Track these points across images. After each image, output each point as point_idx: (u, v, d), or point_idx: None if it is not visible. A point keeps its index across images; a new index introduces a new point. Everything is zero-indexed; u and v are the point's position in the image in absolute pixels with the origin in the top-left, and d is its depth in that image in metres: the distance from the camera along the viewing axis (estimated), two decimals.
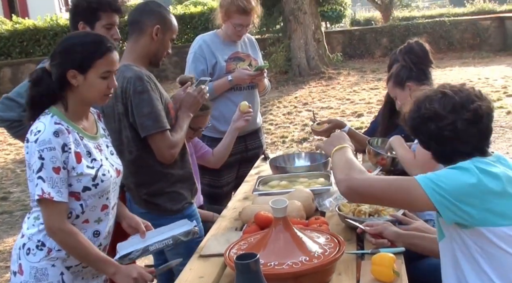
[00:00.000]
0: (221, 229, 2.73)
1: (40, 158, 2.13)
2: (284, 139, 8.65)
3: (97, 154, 2.31)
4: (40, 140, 2.14)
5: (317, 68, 14.41)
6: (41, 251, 2.22)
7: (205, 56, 3.88)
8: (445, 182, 1.86)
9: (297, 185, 3.08)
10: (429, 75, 3.10)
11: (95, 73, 2.22)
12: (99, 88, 2.25)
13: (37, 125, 2.20)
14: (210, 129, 3.90)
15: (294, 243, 2.08)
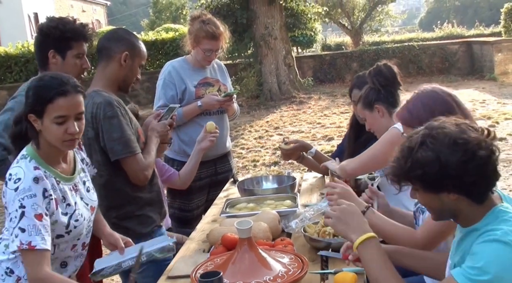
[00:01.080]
0: (189, 251, 2.77)
1: (20, 207, 2.11)
2: (255, 163, 8.72)
3: (71, 198, 2.33)
4: (20, 189, 2.13)
5: (288, 93, 14.60)
6: (10, 277, 2.24)
7: (174, 82, 3.93)
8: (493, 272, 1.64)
9: (264, 207, 3.13)
10: (397, 97, 3.14)
11: (48, 118, 2.19)
12: (56, 134, 2.20)
13: (16, 171, 2.18)
14: (179, 153, 3.96)
15: (259, 262, 2.13)
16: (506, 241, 1.64)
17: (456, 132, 1.71)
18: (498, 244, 1.64)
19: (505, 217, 1.72)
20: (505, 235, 1.65)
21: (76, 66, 3.04)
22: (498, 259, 1.63)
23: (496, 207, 1.76)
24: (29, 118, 2.20)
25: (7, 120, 2.92)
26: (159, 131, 3.09)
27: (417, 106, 2.37)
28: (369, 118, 3.11)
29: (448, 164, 1.68)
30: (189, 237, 3.03)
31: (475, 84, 14.95)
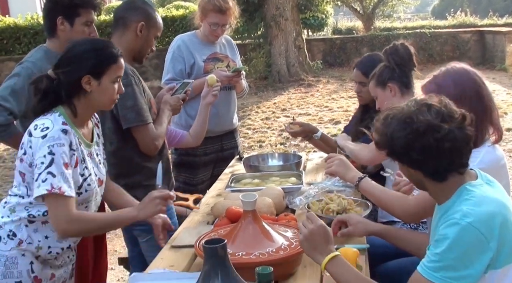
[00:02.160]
0: (193, 223, 2.79)
1: (50, 153, 2.13)
2: (261, 143, 8.73)
3: (89, 162, 2.35)
4: (49, 136, 2.15)
5: (297, 75, 14.54)
6: (12, 240, 2.25)
7: (183, 56, 3.94)
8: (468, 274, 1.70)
9: (269, 183, 3.15)
10: (411, 78, 3.10)
11: (108, 78, 2.29)
12: (111, 93, 2.32)
13: (44, 122, 2.20)
14: (186, 127, 3.97)
15: (262, 235, 2.15)
16: (463, 224, 1.68)
17: (410, 112, 1.81)
18: (457, 228, 1.69)
19: (467, 196, 1.77)
20: (463, 217, 1.70)
21: (84, 34, 3.05)
22: (456, 243, 1.68)
23: (463, 186, 1.81)
24: (82, 80, 2.24)
25: (13, 85, 2.94)
26: (172, 105, 3.11)
27: (447, 82, 2.35)
28: (380, 96, 3.08)
29: (393, 138, 1.81)
30: (193, 210, 3.06)
31: (485, 74, 14.61)
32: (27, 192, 2.25)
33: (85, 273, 3.10)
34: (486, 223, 1.70)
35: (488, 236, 1.69)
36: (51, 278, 2.34)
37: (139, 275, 2.16)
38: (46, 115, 2.24)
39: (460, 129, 1.78)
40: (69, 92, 2.26)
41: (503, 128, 2.37)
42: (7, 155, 8.95)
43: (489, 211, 1.72)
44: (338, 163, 2.67)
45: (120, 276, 4.59)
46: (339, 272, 1.86)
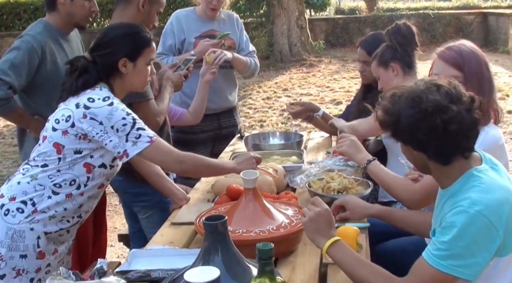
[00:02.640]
0: (193, 200, 2.79)
1: (128, 114, 2.28)
2: (262, 123, 8.71)
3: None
4: (116, 103, 2.27)
5: (299, 55, 14.46)
6: (21, 213, 2.26)
7: (174, 32, 3.89)
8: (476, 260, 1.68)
9: (270, 162, 3.14)
10: (413, 58, 3.09)
11: (143, 60, 2.42)
12: (145, 75, 2.46)
13: (98, 94, 2.28)
14: (181, 105, 3.94)
15: (263, 212, 2.15)
16: (472, 212, 1.65)
17: (420, 91, 1.77)
18: (465, 216, 1.66)
19: (475, 183, 1.73)
20: (472, 205, 1.66)
21: (84, 8, 3.03)
22: (465, 232, 1.65)
23: (469, 171, 1.77)
24: (119, 63, 2.35)
25: (13, 59, 2.92)
26: (174, 81, 3.09)
27: (469, 56, 2.33)
28: (382, 76, 3.07)
29: (400, 117, 1.77)
30: (193, 188, 3.05)
31: (488, 56, 14.36)
32: (59, 163, 2.28)
33: (84, 249, 3.11)
34: (495, 211, 1.67)
35: (496, 224, 1.66)
36: (53, 253, 2.36)
37: (138, 251, 2.16)
38: (95, 89, 2.30)
39: (468, 112, 1.74)
40: (106, 74, 2.36)
41: (504, 110, 2.36)
42: (7, 131, 8.94)
43: (498, 198, 1.69)
44: (349, 144, 2.68)
45: (120, 253, 4.60)
46: (340, 256, 1.84)
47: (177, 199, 2.71)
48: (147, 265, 2.01)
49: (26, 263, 2.27)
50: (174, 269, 1.90)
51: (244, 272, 1.60)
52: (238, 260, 1.62)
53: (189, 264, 1.68)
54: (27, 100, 3.10)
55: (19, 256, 2.26)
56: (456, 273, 1.66)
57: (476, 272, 1.68)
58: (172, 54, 3.89)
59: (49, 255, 2.33)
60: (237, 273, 1.59)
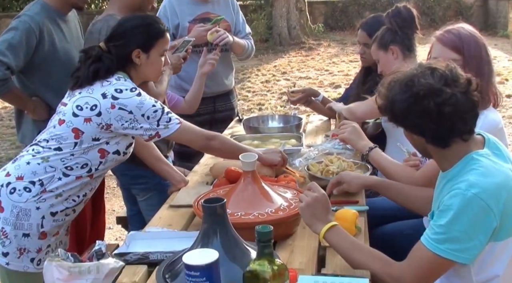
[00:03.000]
0: (192, 183, 2.78)
1: (156, 102, 2.35)
2: (261, 106, 8.70)
3: None
4: (143, 94, 2.33)
5: (298, 38, 14.40)
6: (28, 192, 2.28)
7: (168, 16, 3.80)
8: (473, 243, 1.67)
9: (269, 145, 3.13)
10: (413, 41, 3.07)
11: (157, 51, 2.44)
12: (159, 65, 2.49)
13: (123, 83, 2.32)
14: (177, 88, 3.92)
15: (261, 195, 2.14)
16: (469, 195, 1.65)
17: (412, 75, 1.76)
18: (462, 199, 1.65)
19: (474, 166, 1.72)
20: (469, 188, 1.65)
21: None
22: (461, 215, 1.65)
23: (469, 155, 1.76)
24: (133, 54, 2.37)
25: (10, 39, 2.90)
26: (173, 63, 3.06)
27: (469, 39, 2.32)
28: (382, 59, 3.05)
29: (394, 102, 1.78)
30: (191, 170, 3.05)
31: (488, 40, 14.39)
32: (74, 147, 2.30)
33: (82, 231, 3.11)
34: (492, 194, 1.66)
35: (493, 207, 1.65)
36: (54, 235, 2.39)
37: (137, 233, 2.16)
38: (119, 79, 2.33)
39: (464, 94, 1.72)
40: (121, 64, 2.38)
41: (503, 94, 2.36)
42: (5, 113, 8.92)
43: (496, 182, 1.68)
44: (350, 131, 2.71)
45: (118, 235, 4.61)
46: (337, 240, 1.84)
47: (176, 182, 2.71)
48: (145, 248, 2.01)
49: (28, 242, 2.29)
50: (172, 251, 1.90)
51: (243, 255, 1.60)
52: (237, 243, 1.62)
53: (188, 246, 1.68)
54: (24, 81, 3.08)
55: (22, 235, 2.28)
56: (454, 257, 1.67)
57: (473, 256, 1.69)
58: None
59: (50, 236, 2.36)
60: (236, 256, 1.59)
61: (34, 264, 2.32)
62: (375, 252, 1.82)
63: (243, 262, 1.54)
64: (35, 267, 2.31)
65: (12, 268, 2.31)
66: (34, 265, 2.32)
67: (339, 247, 1.84)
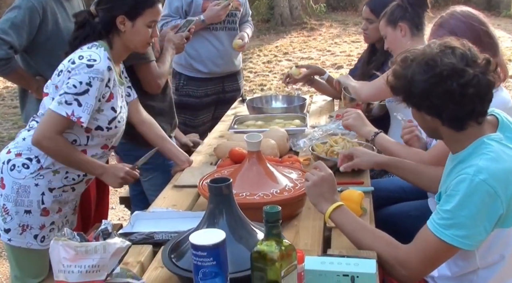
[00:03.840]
0: (196, 163, 2.77)
1: (88, 84, 2.19)
2: (263, 87, 8.67)
3: (120, 100, 2.39)
4: (95, 68, 2.20)
5: (300, 18, 14.33)
6: (26, 169, 2.28)
7: None
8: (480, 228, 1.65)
9: (273, 125, 3.12)
10: (423, 19, 3.01)
11: (143, 21, 2.34)
12: (144, 36, 2.37)
13: (91, 53, 2.23)
14: (186, 67, 3.91)
15: (266, 176, 2.13)
16: (476, 180, 1.61)
17: (434, 54, 1.69)
18: (469, 184, 1.62)
19: (484, 151, 1.68)
20: (477, 173, 1.62)
21: None
22: (468, 201, 1.62)
23: (480, 139, 1.72)
24: (117, 20, 2.29)
25: (13, 18, 2.87)
26: (176, 43, 3.05)
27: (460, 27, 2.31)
28: (390, 35, 3.00)
29: (413, 82, 1.70)
30: (196, 150, 3.04)
31: (491, 21, 14.18)
32: None
33: (87, 211, 3.11)
34: (501, 181, 1.62)
35: (501, 194, 1.62)
36: (57, 212, 2.40)
37: (141, 213, 2.15)
38: (91, 48, 2.26)
39: (483, 75, 1.67)
40: (106, 29, 2.31)
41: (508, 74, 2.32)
42: (7, 93, 8.89)
43: (505, 168, 1.63)
44: (355, 117, 2.69)
45: (121, 215, 4.62)
46: (343, 221, 1.82)
47: (180, 162, 2.69)
48: (150, 228, 2.01)
49: (30, 218, 2.30)
50: (177, 231, 1.90)
51: (249, 235, 1.59)
52: (243, 223, 1.61)
53: (193, 226, 1.67)
54: (28, 60, 3.06)
55: (24, 211, 2.29)
56: (458, 243, 1.64)
57: (477, 242, 1.67)
58: (178, 16, 3.80)
59: (53, 213, 2.36)
60: (242, 236, 1.58)
61: (37, 241, 2.33)
62: (381, 233, 1.80)
63: (249, 242, 1.54)
64: (39, 244, 2.32)
65: (14, 244, 2.32)
66: (37, 241, 2.33)
67: (344, 228, 1.83)
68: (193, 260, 1.37)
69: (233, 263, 1.46)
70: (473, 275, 1.81)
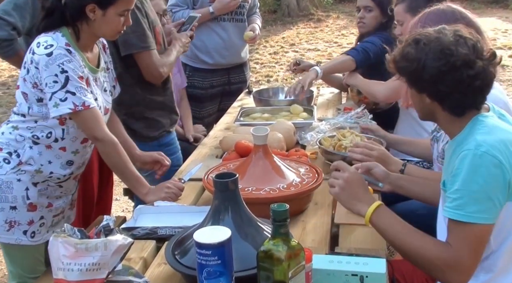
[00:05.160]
0: (201, 156, 2.73)
1: (62, 72, 2.07)
2: (269, 78, 8.61)
3: (94, 87, 2.26)
4: (55, 54, 2.07)
5: (307, 10, 14.22)
6: (7, 164, 2.20)
7: None
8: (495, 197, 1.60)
9: (280, 118, 3.06)
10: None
11: (115, 10, 2.17)
12: (115, 25, 2.21)
13: (46, 39, 2.11)
14: (192, 58, 3.87)
15: (273, 170, 2.08)
16: (478, 153, 1.59)
17: (450, 42, 1.67)
18: (472, 158, 1.60)
19: (479, 126, 1.68)
20: (478, 147, 1.60)
21: None
22: (475, 174, 1.59)
23: (475, 117, 1.71)
24: (87, 8, 2.13)
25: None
26: (183, 41, 3.01)
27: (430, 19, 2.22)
28: (407, 23, 2.80)
29: (426, 67, 1.67)
30: (201, 143, 2.99)
31: (498, 13, 14.49)
32: (28, 112, 2.18)
33: (89, 203, 3.06)
34: (501, 150, 1.61)
35: (504, 162, 1.60)
36: (47, 206, 2.30)
37: (145, 207, 2.11)
38: (49, 33, 2.14)
39: (488, 67, 1.67)
40: (74, 16, 2.15)
41: None
42: (12, 82, 8.86)
43: (502, 139, 1.63)
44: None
45: (125, 207, 4.58)
46: (386, 223, 1.73)
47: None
48: (154, 222, 1.96)
49: (17, 214, 2.21)
50: (181, 226, 1.86)
51: (256, 233, 1.54)
52: (249, 220, 1.56)
53: (198, 222, 1.63)
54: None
55: (9, 208, 2.20)
56: (476, 219, 1.59)
57: (495, 214, 1.62)
58: (186, 6, 3.75)
59: (41, 207, 2.27)
60: (248, 233, 1.54)
61: (27, 237, 2.24)
62: (425, 235, 1.70)
63: (256, 240, 1.49)
64: (29, 240, 2.24)
65: (3, 241, 2.25)
66: (27, 237, 2.24)
67: (387, 232, 1.73)
68: (197, 258, 1.33)
69: (238, 262, 1.42)
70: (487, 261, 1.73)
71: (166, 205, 2.12)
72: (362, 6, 3.43)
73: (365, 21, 3.41)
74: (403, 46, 1.75)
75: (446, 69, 1.65)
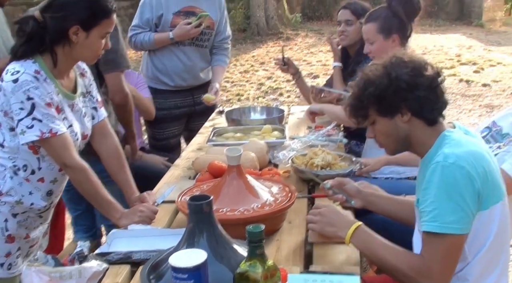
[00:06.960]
0: (173, 178, 2.72)
1: (28, 99, 2.02)
2: (240, 97, 8.64)
3: (69, 114, 2.20)
4: (21, 81, 2.02)
5: (276, 28, 14.37)
6: None
7: (153, 5, 3.69)
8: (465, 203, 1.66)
9: (252, 137, 3.08)
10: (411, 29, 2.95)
11: (98, 32, 2.12)
12: (97, 48, 2.16)
13: (15, 66, 2.06)
14: (153, 79, 3.85)
15: (247, 190, 2.08)
16: (447, 164, 1.65)
17: (402, 54, 1.83)
18: (441, 169, 1.66)
19: (445, 141, 1.75)
20: (446, 158, 1.67)
21: None
22: (445, 185, 1.65)
23: (442, 133, 1.79)
24: (70, 30, 2.07)
25: None
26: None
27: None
28: (379, 43, 2.91)
29: (398, 76, 1.75)
30: (173, 164, 2.98)
31: (463, 30, 14.83)
32: (3, 142, 2.14)
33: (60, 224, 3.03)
34: (469, 161, 1.66)
35: (473, 172, 1.66)
36: (25, 238, 2.26)
37: (118, 231, 2.09)
38: (20, 60, 2.09)
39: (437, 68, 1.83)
40: (54, 39, 2.10)
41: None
42: None
43: (468, 151, 1.70)
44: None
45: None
46: (365, 241, 1.81)
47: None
48: (128, 246, 1.94)
49: None
50: (156, 250, 1.84)
51: (231, 255, 1.54)
52: (225, 242, 1.56)
53: (173, 245, 1.62)
54: None
55: None
56: (451, 230, 1.64)
57: (468, 224, 1.67)
58: (148, 28, 3.73)
59: (19, 239, 2.22)
60: (224, 256, 1.53)
61: (4, 269, 2.19)
62: (399, 249, 1.77)
63: (231, 262, 1.49)
64: (6, 272, 2.19)
65: None
66: (4, 269, 2.19)
67: (366, 250, 1.82)
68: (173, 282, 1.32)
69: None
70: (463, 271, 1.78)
71: (140, 229, 2.11)
72: (343, 20, 3.48)
73: (347, 34, 3.47)
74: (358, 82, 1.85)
75: (414, 73, 1.76)
